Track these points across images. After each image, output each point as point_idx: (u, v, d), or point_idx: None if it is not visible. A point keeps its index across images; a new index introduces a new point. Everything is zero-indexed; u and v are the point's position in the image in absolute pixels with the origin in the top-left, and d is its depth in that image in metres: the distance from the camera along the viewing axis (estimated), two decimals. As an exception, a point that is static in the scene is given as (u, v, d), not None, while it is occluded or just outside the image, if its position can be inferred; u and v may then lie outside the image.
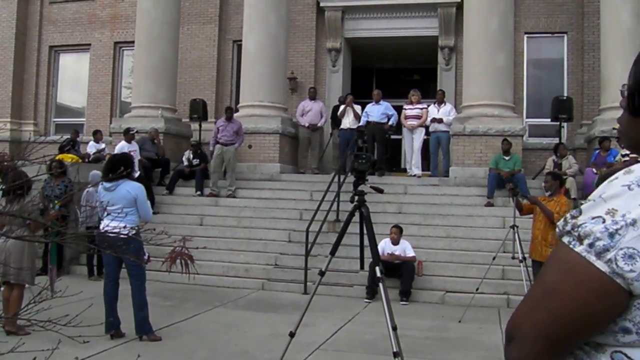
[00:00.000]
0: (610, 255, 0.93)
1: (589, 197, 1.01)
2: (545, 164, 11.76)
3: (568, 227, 1.00)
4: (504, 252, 8.23)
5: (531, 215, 7.42)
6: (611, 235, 0.93)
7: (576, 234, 0.98)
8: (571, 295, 0.95)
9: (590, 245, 0.95)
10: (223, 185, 12.23)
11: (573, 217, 1.00)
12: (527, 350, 0.98)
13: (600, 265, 0.93)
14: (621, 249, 0.92)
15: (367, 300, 8.51)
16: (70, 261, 10.37)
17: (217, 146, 12.24)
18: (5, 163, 2.77)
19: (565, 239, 1.00)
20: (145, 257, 5.93)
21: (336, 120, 13.89)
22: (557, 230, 1.04)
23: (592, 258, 0.94)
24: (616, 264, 0.92)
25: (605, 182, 1.02)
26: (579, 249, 0.96)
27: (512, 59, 12.54)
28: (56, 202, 8.48)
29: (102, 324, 5.63)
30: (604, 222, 0.95)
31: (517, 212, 7.57)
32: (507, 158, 11.16)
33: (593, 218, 0.96)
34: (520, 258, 7.19)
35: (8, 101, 17.95)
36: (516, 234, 7.43)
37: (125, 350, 5.63)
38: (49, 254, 8.46)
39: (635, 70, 1.03)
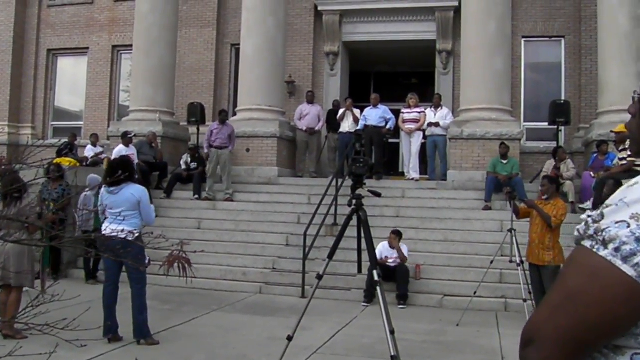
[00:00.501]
0: (637, 259, 0.92)
1: (608, 202, 1.01)
2: (544, 167, 11.77)
3: (590, 231, 0.99)
4: (502, 255, 8.24)
5: (528, 219, 7.44)
6: (638, 240, 0.93)
7: (600, 238, 0.97)
8: (596, 299, 0.94)
9: (616, 249, 0.94)
10: (219, 189, 12.23)
11: (595, 221, 0.99)
12: (547, 354, 0.98)
13: (627, 269, 0.92)
14: None
15: (364, 304, 8.50)
16: (68, 265, 10.35)
17: (212, 150, 12.25)
18: (3, 167, 2.77)
19: (587, 243, 0.98)
20: (146, 261, 5.91)
21: (332, 124, 13.90)
22: (576, 233, 1.03)
23: (618, 262, 0.93)
24: None
25: (624, 187, 1.01)
26: (603, 253, 0.95)
27: (509, 63, 12.57)
28: (51, 204, 8.46)
29: (100, 327, 5.63)
30: (628, 226, 0.94)
31: (515, 216, 7.58)
32: (504, 162, 11.17)
33: (617, 222, 0.96)
34: (518, 262, 7.21)
35: (6, 105, 17.92)
36: (514, 238, 7.45)
37: (123, 354, 5.63)
38: (42, 256, 8.44)
39: None
